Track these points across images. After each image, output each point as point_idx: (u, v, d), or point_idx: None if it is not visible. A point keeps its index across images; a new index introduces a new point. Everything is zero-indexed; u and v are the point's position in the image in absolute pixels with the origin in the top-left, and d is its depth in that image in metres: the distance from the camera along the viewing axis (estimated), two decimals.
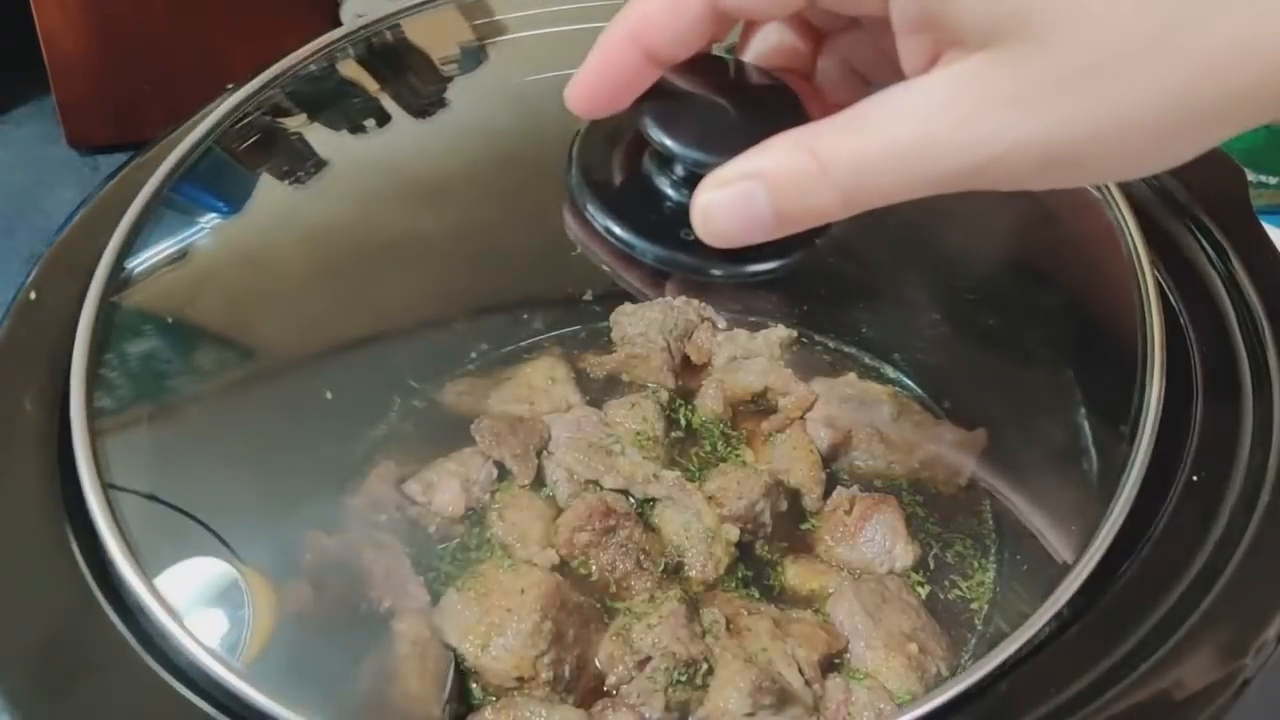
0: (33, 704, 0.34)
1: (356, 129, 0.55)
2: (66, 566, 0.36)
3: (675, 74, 0.36)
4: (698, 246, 0.33)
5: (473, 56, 0.57)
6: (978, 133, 0.28)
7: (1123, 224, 0.49)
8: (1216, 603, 0.38)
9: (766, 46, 0.38)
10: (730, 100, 0.37)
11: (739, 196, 0.31)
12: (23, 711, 0.33)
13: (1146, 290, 0.47)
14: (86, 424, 0.39)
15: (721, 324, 0.60)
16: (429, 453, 0.53)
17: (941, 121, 0.29)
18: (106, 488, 0.38)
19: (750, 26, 0.38)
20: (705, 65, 0.37)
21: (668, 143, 0.36)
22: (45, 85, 1.07)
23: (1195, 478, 0.42)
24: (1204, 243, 0.50)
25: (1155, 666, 0.36)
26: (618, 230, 0.39)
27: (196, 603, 0.39)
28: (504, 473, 0.53)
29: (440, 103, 0.57)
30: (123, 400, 0.42)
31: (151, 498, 0.40)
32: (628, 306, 0.59)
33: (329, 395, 0.52)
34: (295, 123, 0.53)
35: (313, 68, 0.52)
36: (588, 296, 0.60)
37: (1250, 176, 0.82)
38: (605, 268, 0.48)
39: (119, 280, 0.43)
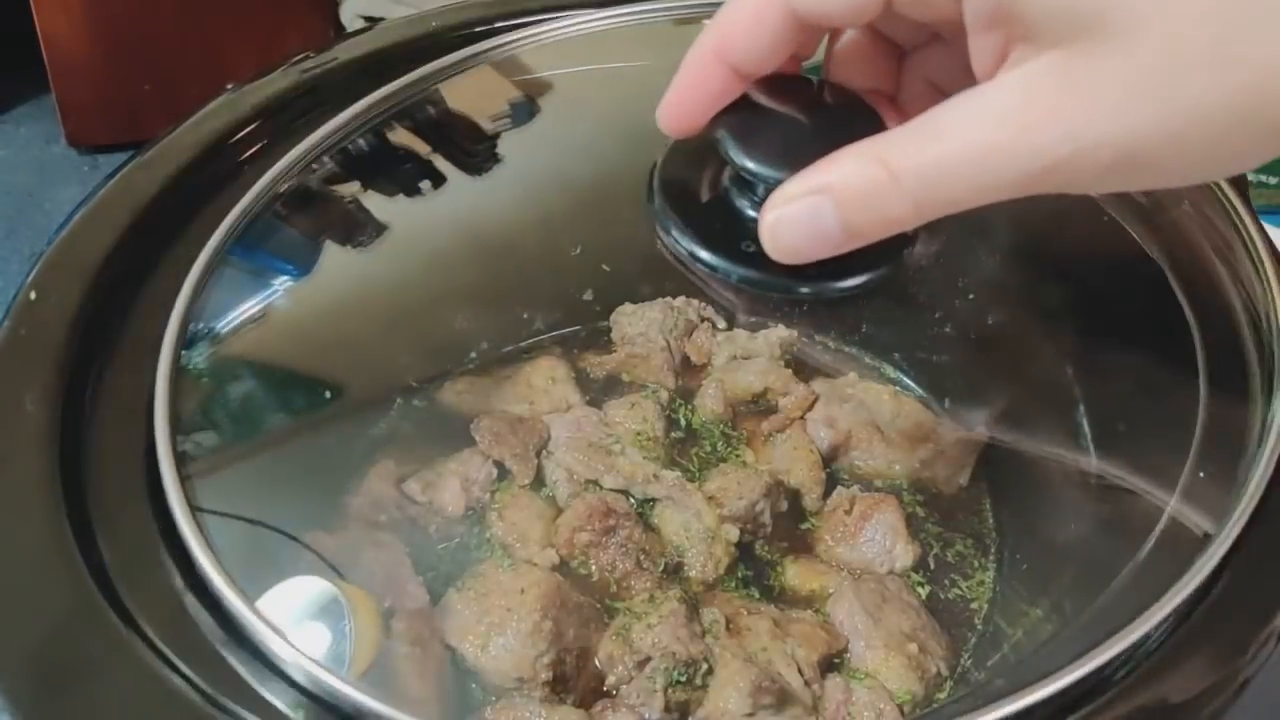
0: (32, 703, 0.34)
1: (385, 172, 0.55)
2: (66, 566, 0.36)
3: (754, 93, 0.36)
4: (783, 266, 0.33)
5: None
6: (1050, 135, 0.28)
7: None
8: (1216, 602, 0.38)
9: (849, 65, 0.38)
10: (810, 120, 0.37)
11: (805, 211, 0.31)
12: (22, 710, 0.33)
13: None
14: (175, 472, 0.39)
15: (721, 324, 0.60)
16: (429, 452, 0.53)
17: (1012, 125, 0.28)
18: (194, 510, 0.38)
19: (833, 41, 0.38)
20: (784, 85, 0.37)
21: (748, 164, 0.36)
22: (45, 85, 1.07)
23: (1201, 474, 0.42)
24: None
25: (1154, 666, 0.36)
26: (702, 254, 0.39)
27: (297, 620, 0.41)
28: (504, 472, 0.53)
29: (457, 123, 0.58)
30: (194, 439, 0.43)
31: (237, 519, 0.41)
32: (627, 306, 0.59)
33: (328, 394, 0.52)
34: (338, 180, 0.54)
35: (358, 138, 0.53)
36: (588, 296, 0.60)
37: (1250, 176, 0.82)
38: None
39: (188, 337, 0.44)
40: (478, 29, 0.54)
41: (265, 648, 0.35)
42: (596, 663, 0.47)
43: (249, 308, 0.48)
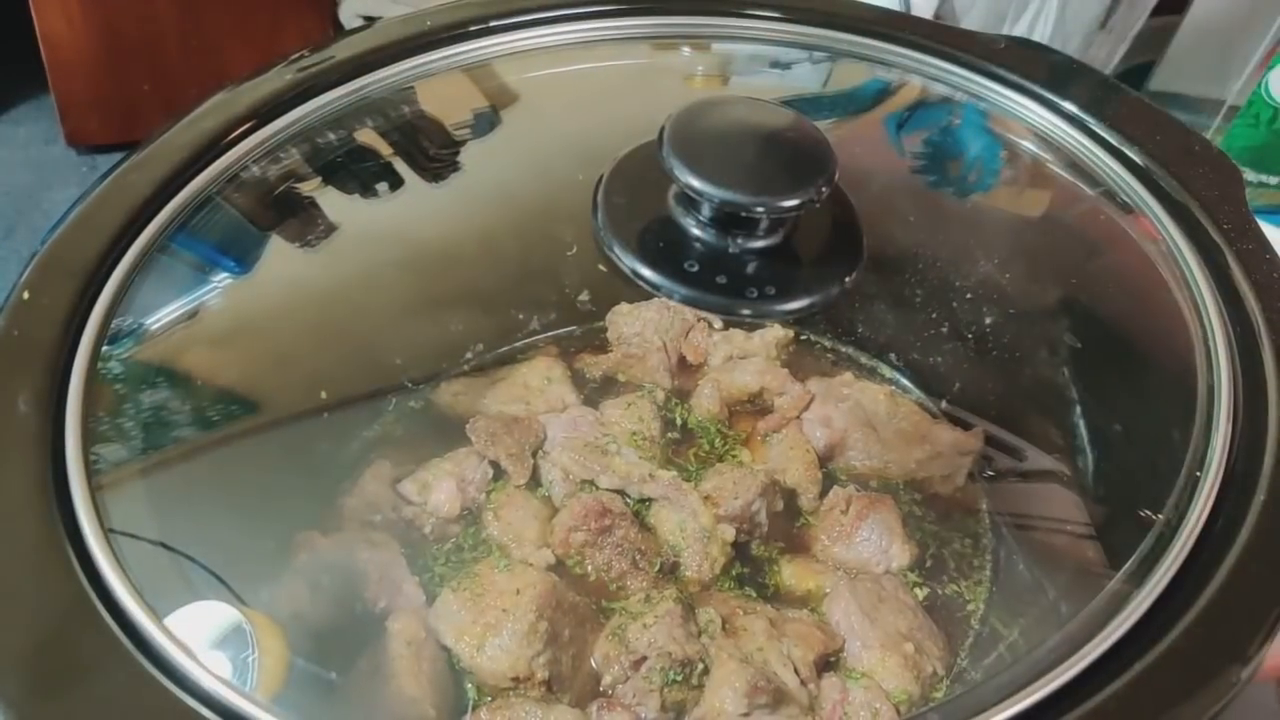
0: (27, 704, 0.34)
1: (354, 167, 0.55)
2: (59, 568, 0.36)
3: (700, 112, 0.36)
4: (726, 287, 0.33)
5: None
6: None
7: (1166, 237, 0.49)
8: (1212, 603, 0.38)
9: None
10: (755, 140, 0.37)
11: None
12: (16, 711, 0.33)
13: (1203, 303, 0.46)
14: (84, 474, 0.38)
15: (718, 324, 0.60)
16: (425, 453, 0.53)
17: None
18: (108, 533, 0.38)
19: None
20: (729, 106, 0.37)
21: (693, 182, 0.36)
22: (44, 85, 1.07)
23: (1196, 474, 0.42)
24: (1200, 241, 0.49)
25: (1150, 666, 0.36)
26: (645, 272, 0.39)
27: (206, 644, 0.39)
28: (499, 472, 0.53)
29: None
30: (120, 445, 0.42)
31: (157, 544, 0.41)
32: (624, 306, 0.59)
33: (324, 395, 0.52)
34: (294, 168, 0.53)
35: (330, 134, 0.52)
36: (584, 297, 0.60)
37: (1250, 176, 0.82)
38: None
39: (110, 332, 0.43)
40: (472, 28, 0.54)
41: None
42: (593, 663, 0.47)
43: (228, 306, 0.48)
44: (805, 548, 0.53)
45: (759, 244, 0.41)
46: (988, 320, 0.57)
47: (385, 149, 0.55)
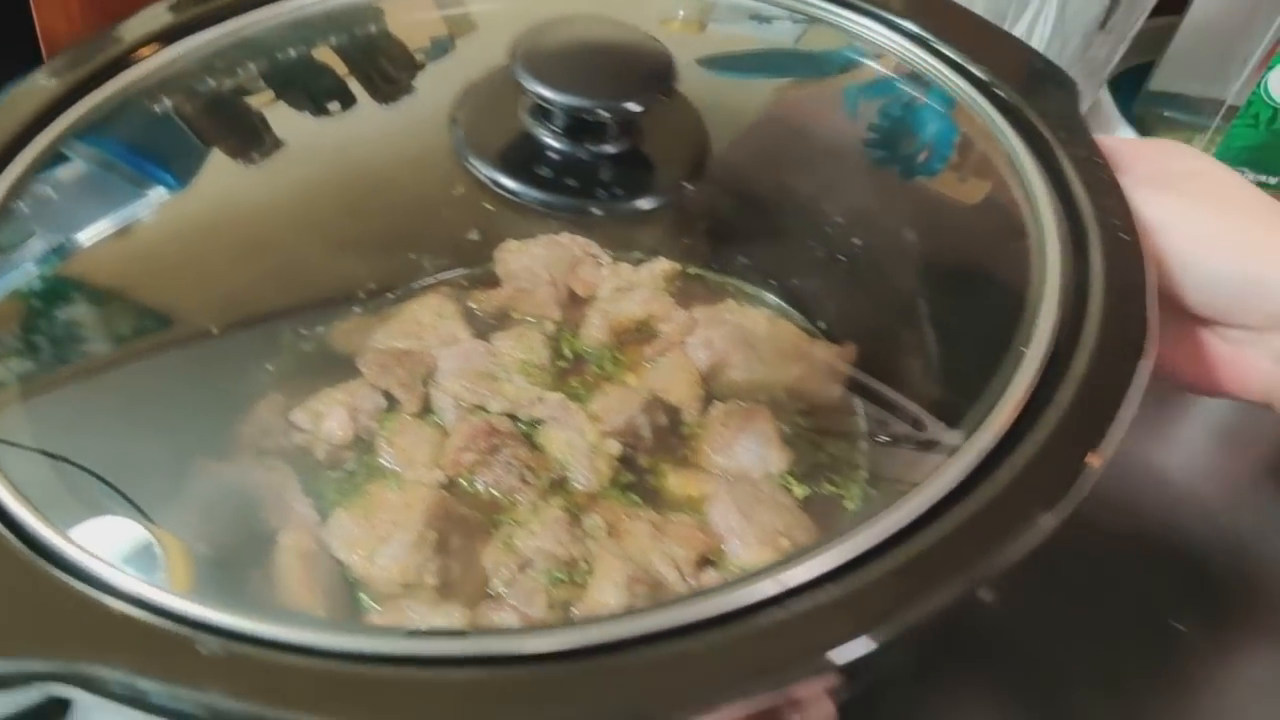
0: None
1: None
2: None
3: (550, 30, 0.39)
4: (580, 189, 0.36)
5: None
6: None
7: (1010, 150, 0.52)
8: (1029, 464, 0.41)
9: None
10: (602, 53, 0.40)
11: None
12: None
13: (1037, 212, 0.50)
14: None
15: (606, 258, 0.62)
16: (317, 388, 0.54)
17: None
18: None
19: None
20: (576, 24, 0.40)
21: (544, 92, 0.39)
22: None
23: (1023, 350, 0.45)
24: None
25: (971, 515, 0.39)
26: (503, 180, 0.42)
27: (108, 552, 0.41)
28: (393, 404, 0.55)
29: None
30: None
31: (58, 458, 0.42)
32: (512, 244, 0.60)
33: (215, 331, 0.53)
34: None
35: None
36: (474, 236, 0.62)
37: (1250, 176, 0.82)
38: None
39: None
40: None
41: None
42: (484, 570, 0.49)
43: (111, 217, 0.49)
44: (689, 459, 0.55)
45: (606, 149, 0.43)
46: (856, 244, 0.60)
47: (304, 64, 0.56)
